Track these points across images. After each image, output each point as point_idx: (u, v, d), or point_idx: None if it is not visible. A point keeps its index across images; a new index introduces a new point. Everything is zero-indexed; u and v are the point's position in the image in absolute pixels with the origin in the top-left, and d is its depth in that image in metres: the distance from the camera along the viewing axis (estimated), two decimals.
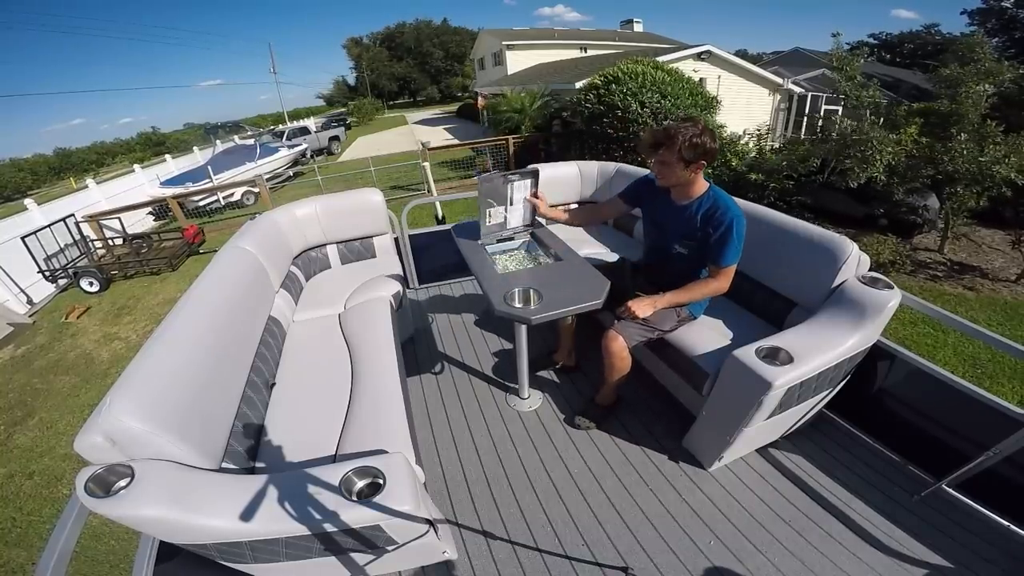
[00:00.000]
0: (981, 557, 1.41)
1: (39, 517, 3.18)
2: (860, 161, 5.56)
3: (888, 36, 35.46)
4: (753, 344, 1.49)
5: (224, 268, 1.84)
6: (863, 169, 5.54)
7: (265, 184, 9.61)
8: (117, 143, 51.55)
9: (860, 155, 5.57)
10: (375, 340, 1.93)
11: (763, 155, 7.69)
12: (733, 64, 12.86)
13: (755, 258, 1.98)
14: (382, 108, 45.34)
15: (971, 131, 5.10)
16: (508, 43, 21.97)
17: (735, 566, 1.44)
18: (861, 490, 1.65)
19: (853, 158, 5.66)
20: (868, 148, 5.49)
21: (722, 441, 1.65)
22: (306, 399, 1.68)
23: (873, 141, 5.47)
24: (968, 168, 5.04)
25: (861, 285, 1.57)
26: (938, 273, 5.45)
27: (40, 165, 38.17)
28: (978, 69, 5.35)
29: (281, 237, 2.38)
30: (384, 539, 1.16)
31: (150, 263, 7.46)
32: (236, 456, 1.35)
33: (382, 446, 1.38)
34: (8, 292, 6.72)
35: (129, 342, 5.51)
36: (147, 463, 1.07)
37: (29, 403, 4.54)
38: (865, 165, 5.50)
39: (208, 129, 16.74)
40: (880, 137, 5.45)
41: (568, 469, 1.82)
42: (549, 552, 1.51)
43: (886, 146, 5.39)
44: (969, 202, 5.33)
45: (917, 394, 1.69)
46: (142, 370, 1.21)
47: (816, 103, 13.66)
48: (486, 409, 2.16)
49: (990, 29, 23.73)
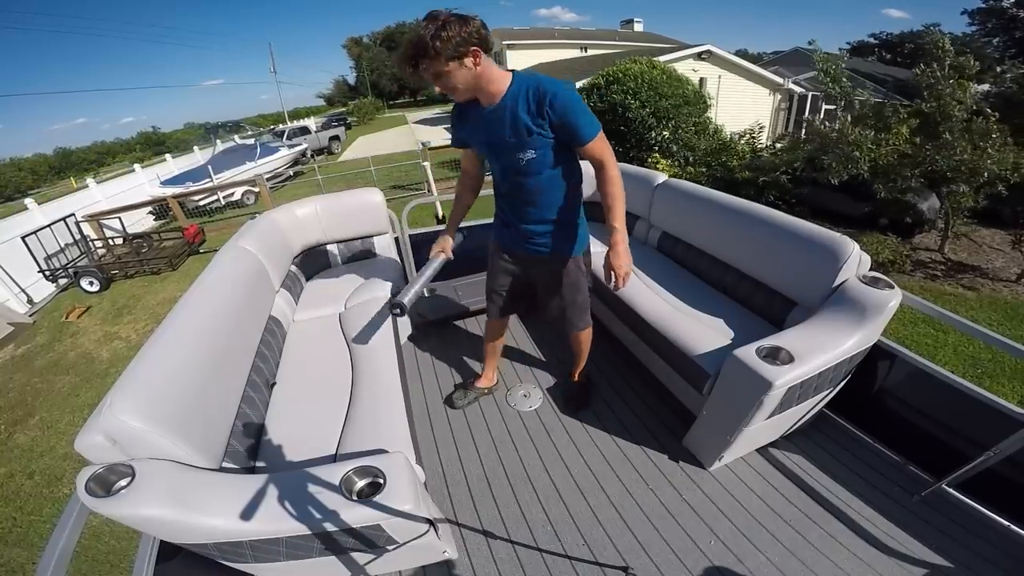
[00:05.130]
0: (981, 557, 1.41)
1: (39, 516, 3.18)
2: (840, 160, 5.59)
3: (889, 36, 35.44)
4: (753, 344, 1.49)
5: (224, 268, 1.84)
6: (843, 167, 5.56)
7: (265, 184, 9.60)
8: (117, 143, 51.67)
9: (840, 155, 5.60)
10: (375, 340, 1.94)
11: (758, 154, 7.70)
12: (733, 64, 12.88)
13: (755, 257, 1.98)
14: (382, 108, 45.33)
15: (959, 130, 5.09)
16: (508, 43, 21.98)
17: (735, 566, 1.44)
18: (861, 490, 1.65)
19: (832, 156, 5.69)
20: (847, 148, 5.53)
21: (722, 441, 1.65)
22: (306, 399, 1.68)
23: (850, 140, 5.50)
24: (950, 165, 5.04)
25: (862, 285, 1.57)
26: (938, 273, 5.44)
27: (40, 165, 38.25)
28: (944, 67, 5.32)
29: (281, 237, 2.38)
30: (384, 539, 1.16)
31: (150, 263, 7.46)
32: (236, 455, 1.35)
33: (382, 445, 1.39)
34: (8, 292, 6.72)
35: (129, 342, 5.51)
36: (148, 463, 1.07)
37: (29, 403, 4.54)
38: (847, 163, 5.53)
39: (208, 129, 16.70)
40: (857, 137, 5.48)
41: (568, 469, 1.82)
42: (549, 552, 1.51)
43: (864, 144, 5.41)
44: (966, 201, 5.33)
45: (917, 394, 1.69)
46: (143, 369, 1.21)
47: (816, 103, 13.67)
48: (486, 409, 2.16)
49: (990, 29, 23.72)
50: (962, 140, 5.02)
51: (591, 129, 1.39)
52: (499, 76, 1.37)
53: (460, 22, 1.24)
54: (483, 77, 1.34)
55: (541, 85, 1.35)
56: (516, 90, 1.38)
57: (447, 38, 1.22)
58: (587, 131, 1.38)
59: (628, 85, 8.46)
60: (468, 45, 1.26)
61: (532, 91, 1.36)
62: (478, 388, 2.20)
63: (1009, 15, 23.15)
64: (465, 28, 1.24)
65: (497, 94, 1.39)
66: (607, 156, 1.44)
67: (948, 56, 5.27)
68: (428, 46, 1.23)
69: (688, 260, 2.40)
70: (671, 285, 2.23)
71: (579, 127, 1.37)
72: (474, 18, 1.27)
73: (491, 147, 1.52)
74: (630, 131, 8.54)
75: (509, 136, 1.42)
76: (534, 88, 1.36)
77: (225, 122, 17.88)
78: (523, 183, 1.53)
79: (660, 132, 8.47)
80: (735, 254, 2.10)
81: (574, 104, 1.35)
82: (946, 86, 5.16)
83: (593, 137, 1.40)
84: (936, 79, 5.23)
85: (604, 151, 1.43)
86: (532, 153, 1.43)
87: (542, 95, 1.34)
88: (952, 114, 5.08)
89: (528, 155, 1.44)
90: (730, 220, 2.09)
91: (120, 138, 54.75)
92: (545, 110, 1.35)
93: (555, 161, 1.47)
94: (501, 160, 1.52)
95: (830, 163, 5.68)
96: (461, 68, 1.29)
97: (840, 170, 5.58)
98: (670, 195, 2.52)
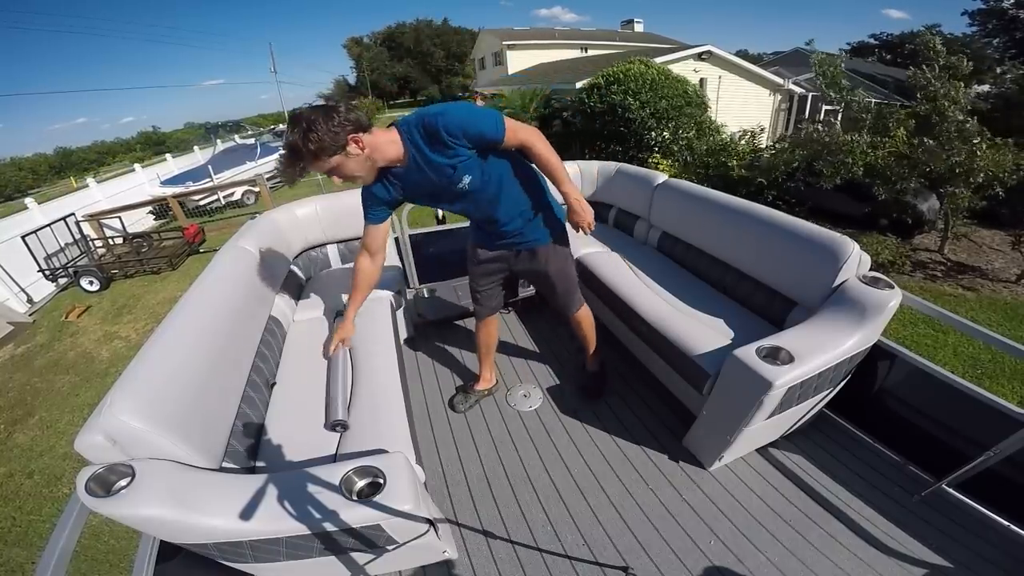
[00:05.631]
0: (981, 557, 1.41)
1: (39, 516, 3.18)
2: (832, 165, 5.65)
3: (889, 36, 35.45)
4: (754, 344, 1.49)
5: (224, 268, 1.84)
6: (836, 172, 5.62)
7: (265, 183, 9.59)
8: (117, 142, 51.70)
9: (832, 162, 5.67)
10: (375, 340, 1.94)
11: (758, 155, 7.71)
12: (734, 64, 12.88)
13: (756, 257, 1.98)
14: (383, 108, 45.33)
15: (955, 131, 5.10)
16: (509, 43, 21.99)
17: (735, 566, 1.44)
18: (861, 490, 1.65)
19: (824, 161, 5.76)
20: (840, 151, 5.57)
21: (722, 441, 1.65)
22: (306, 399, 1.68)
23: (842, 146, 5.54)
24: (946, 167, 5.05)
25: (862, 285, 1.57)
26: (938, 273, 5.45)
27: (40, 164, 38.26)
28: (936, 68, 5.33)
29: (281, 236, 2.37)
30: (384, 539, 1.16)
31: (150, 262, 7.46)
32: (236, 455, 1.35)
33: (382, 446, 1.38)
34: (8, 291, 6.71)
35: (129, 341, 5.50)
36: (147, 462, 1.07)
37: (29, 402, 4.54)
38: (839, 169, 5.59)
39: (209, 128, 16.68)
40: (849, 140, 5.50)
41: (568, 469, 1.82)
42: (549, 552, 1.51)
43: (857, 150, 5.44)
44: (964, 202, 5.34)
45: (917, 394, 1.69)
46: (142, 369, 1.21)
47: (816, 103, 13.67)
48: (486, 408, 2.16)
49: (991, 30, 23.72)
50: (957, 141, 5.03)
51: (496, 128, 1.35)
52: (388, 139, 1.34)
53: (325, 118, 1.20)
54: (376, 152, 1.32)
55: (425, 120, 1.31)
56: (410, 140, 1.35)
57: (317, 139, 1.20)
58: (493, 132, 1.35)
59: (628, 85, 8.47)
60: (344, 135, 1.23)
61: (420, 132, 1.33)
62: (478, 391, 2.20)
63: (1009, 16, 23.14)
64: (332, 123, 1.20)
65: (398, 155, 1.36)
66: (524, 135, 1.40)
67: (940, 57, 5.29)
68: (304, 152, 1.21)
69: (688, 260, 2.40)
70: (671, 285, 2.23)
71: (484, 133, 1.34)
72: (336, 106, 1.24)
73: (432, 196, 1.51)
74: (630, 131, 8.55)
75: (438, 179, 1.41)
76: (420, 128, 1.32)
77: (225, 122, 17.85)
78: (478, 201, 1.52)
79: (660, 133, 8.47)
80: (735, 254, 2.10)
81: (464, 117, 1.31)
82: (939, 87, 5.17)
83: (503, 133, 1.36)
84: (928, 80, 5.25)
85: (519, 134, 1.40)
86: (467, 178, 1.41)
87: (432, 130, 1.30)
88: (947, 115, 5.09)
89: (465, 181, 1.42)
90: (730, 220, 2.09)
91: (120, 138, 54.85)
92: (444, 139, 1.31)
93: (492, 169, 1.45)
94: (448, 198, 1.51)
95: (821, 168, 5.74)
96: (348, 158, 1.27)
97: (833, 176, 5.64)
98: (670, 195, 2.53)
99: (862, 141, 5.50)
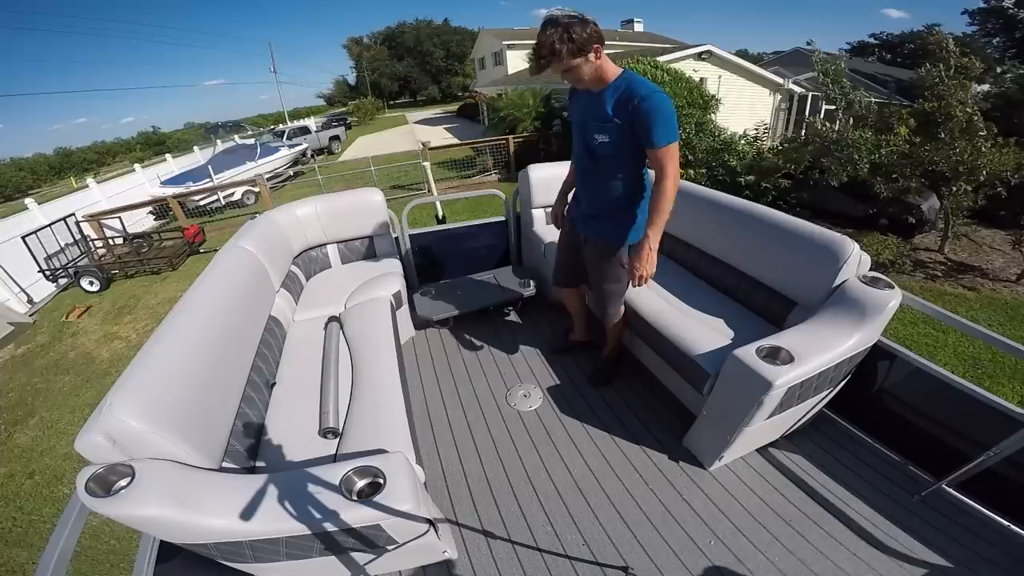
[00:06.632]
0: (981, 557, 1.41)
1: (39, 516, 3.18)
2: (840, 162, 5.64)
3: (889, 36, 35.44)
4: (754, 343, 1.49)
5: (224, 268, 1.84)
6: (843, 169, 5.63)
7: (265, 184, 9.60)
8: (118, 142, 51.60)
9: (839, 158, 5.67)
10: (375, 340, 1.94)
11: (761, 155, 7.70)
12: (734, 64, 12.86)
13: (756, 257, 1.98)
14: (382, 108, 45.34)
15: (960, 130, 5.10)
16: (509, 43, 21.96)
17: (735, 566, 1.44)
18: (861, 490, 1.65)
19: (832, 158, 5.77)
20: (847, 149, 5.59)
21: (722, 441, 1.65)
22: (306, 399, 1.68)
23: (850, 142, 5.55)
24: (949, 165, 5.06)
25: (862, 285, 1.57)
26: (938, 273, 5.44)
27: (40, 164, 38.20)
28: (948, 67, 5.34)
29: (281, 237, 2.37)
30: (384, 539, 1.16)
31: (151, 262, 7.46)
32: (236, 456, 1.35)
33: (382, 446, 1.39)
34: (8, 291, 6.72)
35: (130, 341, 5.51)
36: (148, 463, 1.07)
37: (29, 402, 4.54)
38: (847, 165, 5.59)
39: (209, 128, 16.70)
40: (856, 139, 5.51)
41: (568, 469, 1.82)
42: (549, 552, 1.51)
43: (864, 146, 5.45)
44: (965, 200, 5.34)
45: (917, 394, 1.69)
46: (143, 370, 1.21)
47: (817, 103, 13.66)
48: (486, 408, 2.16)
49: (991, 29, 23.70)
50: (961, 140, 5.03)
51: (661, 138, 1.47)
52: (612, 70, 1.54)
53: (580, 25, 1.41)
54: (602, 68, 1.51)
55: (632, 86, 1.49)
56: (616, 83, 1.53)
57: (574, 39, 1.40)
58: (656, 138, 1.47)
59: None
60: (590, 44, 1.43)
61: (624, 88, 1.51)
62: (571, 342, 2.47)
63: (1009, 15, 23.13)
64: (586, 29, 1.41)
65: (604, 83, 1.55)
66: (669, 169, 1.50)
67: (952, 56, 5.28)
68: (556, 49, 1.41)
69: (688, 260, 2.40)
70: (671, 285, 2.23)
71: (650, 132, 1.47)
72: (587, 18, 1.44)
73: (579, 125, 1.70)
74: None
75: (592, 118, 1.60)
76: (625, 87, 1.51)
77: (225, 122, 17.84)
78: (591, 164, 1.71)
79: None
80: (735, 254, 2.10)
81: (655, 112, 1.45)
82: (949, 86, 5.17)
83: (660, 146, 1.48)
84: (940, 79, 5.24)
85: (667, 163, 1.51)
86: (605, 137, 1.58)
87: (629, 95, 1.48)
88: (954, 114, 5.09)
89: (601, 138, 1.59)
90: (730, 220, 2.09)
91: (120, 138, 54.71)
92: (628, 108, 1.48)
93: (624, 153, 1.60)
94: (583, 136, 1.68)
95: (829, 165, 5.73)
96: (587, 63, 1.47)
97: (840, 172, 5.63)
98: None
99: (869, 138, 5.51)
